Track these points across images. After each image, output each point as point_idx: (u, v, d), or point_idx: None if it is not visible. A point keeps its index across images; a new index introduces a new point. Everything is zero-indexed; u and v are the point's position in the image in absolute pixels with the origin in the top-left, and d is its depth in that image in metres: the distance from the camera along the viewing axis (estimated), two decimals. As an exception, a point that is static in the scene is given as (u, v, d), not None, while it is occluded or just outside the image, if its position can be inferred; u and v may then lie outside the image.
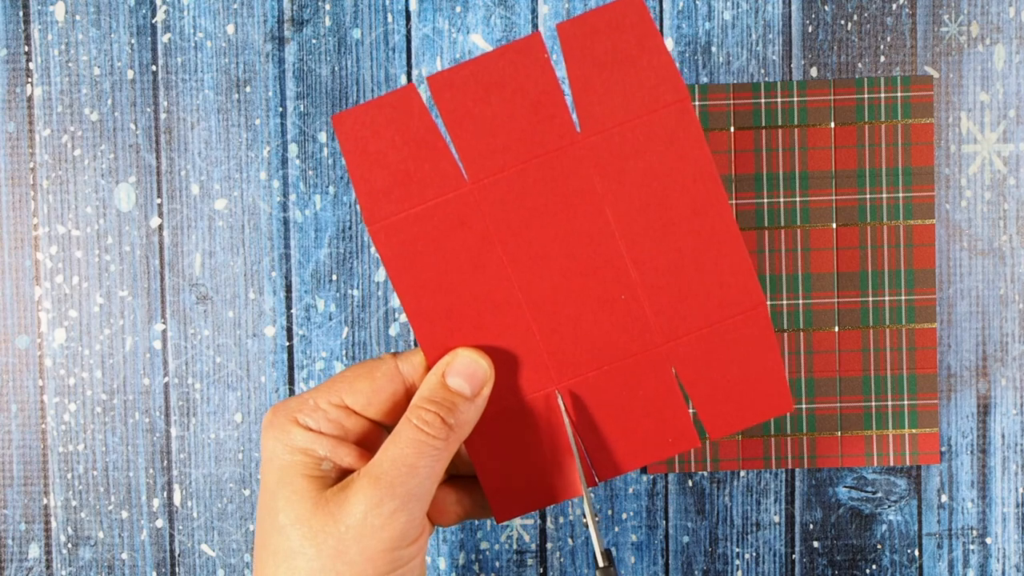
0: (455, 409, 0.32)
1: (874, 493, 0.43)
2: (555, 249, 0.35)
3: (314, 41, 0.43)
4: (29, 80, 0.43)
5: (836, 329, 0.42)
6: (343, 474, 0.32)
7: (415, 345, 0.43)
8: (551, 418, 0.36)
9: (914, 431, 0.42)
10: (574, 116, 0.34)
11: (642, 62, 0.34)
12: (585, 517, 0.42)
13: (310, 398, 0.32)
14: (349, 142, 0.34)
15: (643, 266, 0.35)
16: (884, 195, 0.42)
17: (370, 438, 0.33)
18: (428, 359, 0.35)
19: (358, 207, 0.35)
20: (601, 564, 0.33)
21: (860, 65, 0.43)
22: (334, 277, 0.43)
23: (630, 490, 0.43)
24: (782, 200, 0.42)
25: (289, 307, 0.43)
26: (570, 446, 0.36)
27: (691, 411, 0.38)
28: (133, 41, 0.43)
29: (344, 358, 0.43)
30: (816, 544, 0.43)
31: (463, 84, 0.34)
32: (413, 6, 0.43)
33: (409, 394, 0.33)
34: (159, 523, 0.43)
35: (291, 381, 0.43)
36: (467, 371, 0.33)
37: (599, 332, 0.36)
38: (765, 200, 0.42)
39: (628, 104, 0.34)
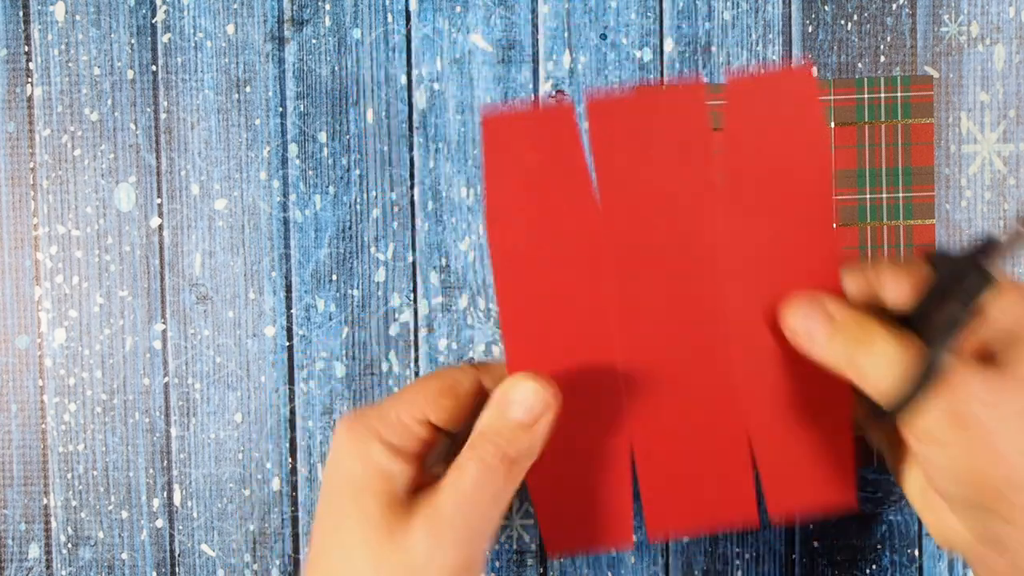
0: (515, 441, 0.31)
1: (874, 493, 0.43)
2: (664, 298, 0.34)
3: (314, 41, 0.43)
4: (29, 80, 0.43)
5: (836, 329, 0.42)
6: (415, 489, 0.31)
7: (417, 341, 0.43)
8: (618, 466, 0.35)
9: (914, 431, 0.42)
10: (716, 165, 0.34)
11: (797, 130, 0.34)
12: None
13: (392, 411, 0.32)
14: (492, 144, 0.33)
15: (746, 330, 0.34)
16: (884, 195, 0.42)
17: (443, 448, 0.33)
18: (510, 369, 0.33)
19: (483, 205, 0.34)
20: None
21: (860, 65, 0.43)
22: (334, 277, 0.43)
23: (630, 490, 0.43)
24: (782, 200, 0.42)
25: (289, 307, 0.43)
26: (630, 498, 0.35)
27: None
28: (133, 41, 0.43)
29: (344, 358, 0.43)
30: (816, 544, 0.43)
31: (620, 114, 0.33)
32: (413, 6, 0.43)
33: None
34: (159, 523, 0.43)
35: (291, 381, 0.43)
36: (527, 401, 0.32)
37: (685, 386, 0.35)
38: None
39: (773, 167, 0.34)
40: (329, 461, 0.33)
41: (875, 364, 0.30)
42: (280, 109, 0.43)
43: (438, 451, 0.34)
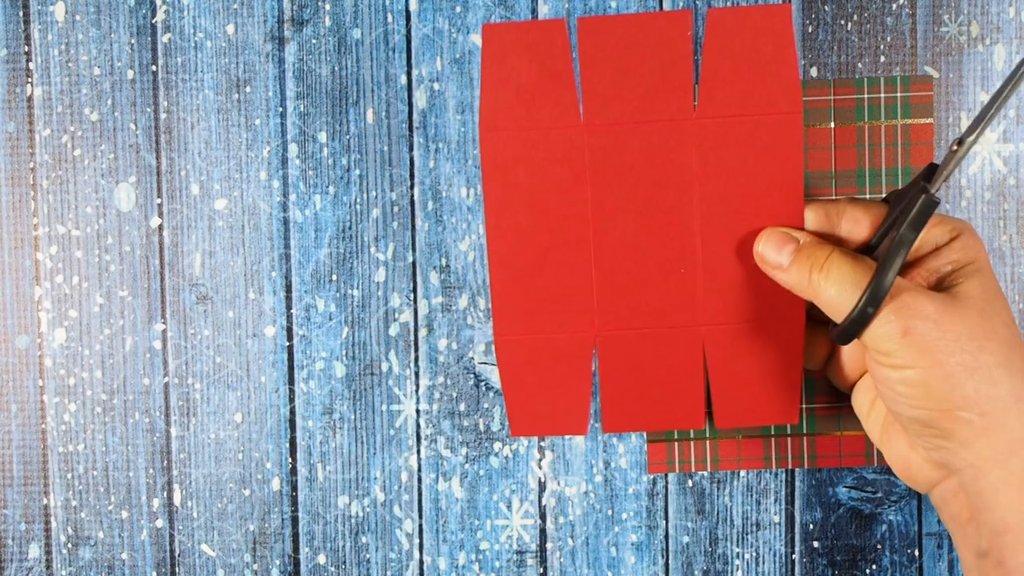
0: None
1: (874, 493, 0.43)
2: (637, 207, 0.37)
3: (314, 41, 0.43)
4: (29, 80, 0.43)
5: (836, 329, 0.42)
6: None
7: (417, 341, 0.43)
8: (581, 359, 0.38)
9: (914, 431, 0.42)
10: (695, 95, 0.37)
11: (772, 66, 0.36)
12: None
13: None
14: (491, 52, 0.36)
15: (709, 249, 0.37)
16: (884, 195, 0.42)
17: None
18: (491, 264, 0.38)
19: (476, 112, 0.37)
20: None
21: (860, 65, 0.43)
22: (334, 277, 0.43)
23: (630, 490, 0.43)
24: (782, 200, 0.43)
25: (289, 307, 0.43)
26: (589, 390, 0.38)
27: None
28: (133, 41, 0.43)
29: (344, 358, 0.43)
30: (816, 544, 0.43)
31: (608, 33, 0.36)
32: (413, 6, 0.43)
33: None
34: (159, 523, 0.43)
35: (291, 381, 0.43)
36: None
37: (650, 295, 0.38)
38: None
39: (747, 99, 0.36)
40: None
41: (831, 282, 0.33)
42: (280, 109, 0.43)
43: None
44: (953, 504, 0.33)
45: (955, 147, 0.32)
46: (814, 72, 0.43)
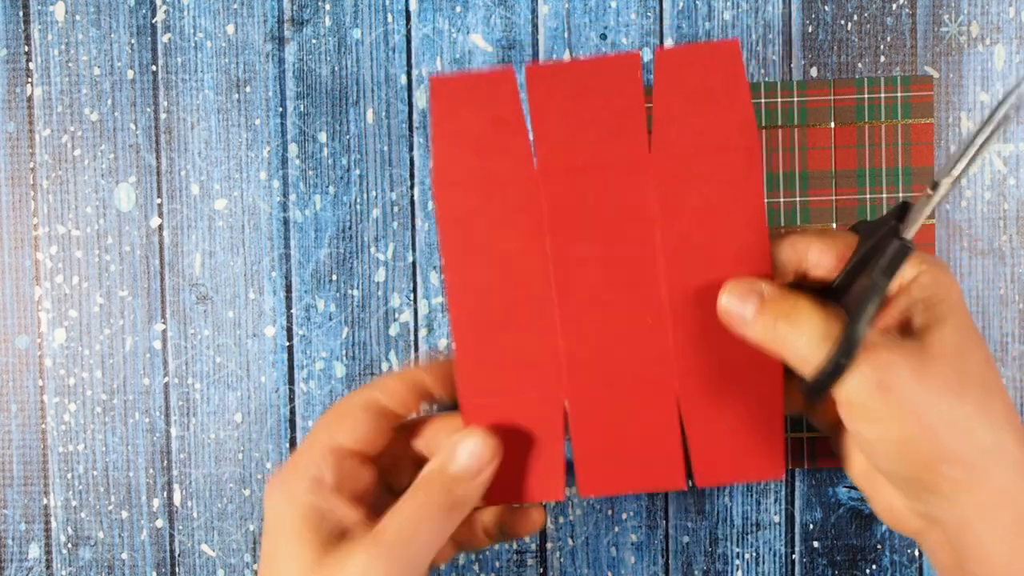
0: (460, 485, 0.33)
1: (874, 493, 0.43)
2: (598, 256, 0.35)
3: (314, 41, 0.43)
4: (29, 80, 0.43)
5: (836, 329, 0.42)
6: (356, 526, 0.32)
7: (417, 341, 0.43)
8: (552, 423, 0.36)
9: (914, 431, 0.42)
10: (650, 136, 0.35)
11: (725, 103, 0.35)
12: None
13: (308, 447, 0.33)
14: (440, 106, 0.35)
15: (676, 297, 0.35)
16: (884, 195, 0.42)
17: (376, 496, 0.34)
18: (453, 324, 0.35)
19: (430, 169, 0.37)
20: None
21: (860, 65, 0.43)
22: (334, 277, 0.43)
23: (630, 490, 0.43)
24: (782, 200, 0.42)
25: (289, 307, 0.43)
26: (563, 454, 0.36)
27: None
28: (133, 41, 0.43)
29: (344, 358, 0.43)
30: (816, 544, 0.43)
31: (558, 80, 0.35)
32: (413, 6, 0.43)
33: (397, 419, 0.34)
34: (159, 523, 0.43)
35: (291, 381, 0.43)
36: (476, 452, 0.34)
37: (618, 348, 0.36)
38: (765, 200, 0.42)
39: (702, 137, 0.35)
40: (264, 521, 0.33)
41: (800, 337, 0.31)
42: (280, 109, 0.43)
43: (376, 494, 0.34)
44: (939, 553, 0.32)
45: (929, 191, 0.30)
46: (814, 72, 0.43)
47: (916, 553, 0.43)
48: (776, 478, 0.36)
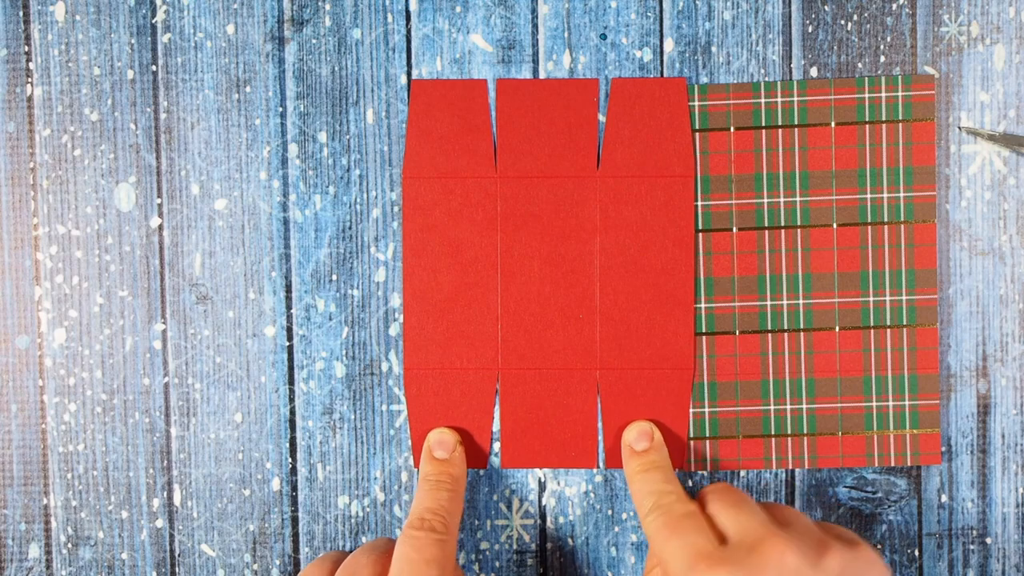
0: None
1: (874, 493, 0.43)
2: (543, 254, 0.41)
3: (314, 41, 0.43)
4: (29, 80, 0.43)
5: (837, 329, 0.42)
6: None
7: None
8: (484, 395, 0.41)
9: (915, 431, 0.42)
10: (599, 155, 0.41)
11: (668, 133, 0.41)
12: None
13: None
14: (417, 106, 0.41)
15: (607, 297, 0.41)
16: (885, 195, 0.42)
17: None
18: (405, 299, 0.41)
19: (401, 164, 0.39)
20: None
21: (860, 65, 0.43)
22: (334, 277, 0.43)
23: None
24: (782, 200, 0.42)
25: (289, 307, 0.43)
26: (490, 427, 0.42)
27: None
28: (133, 41, 0.43)
29: (344, 358, 0.43)
30: (816, 544, 0.43)
31: (524, 94, 0.41)
32: (413, 6, 0.43)
33: None
34: (159, 523, 0.43)
35: (291, 381, 0.43)
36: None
37: (551, 337, 0.41)
38: (765, 200, 0.42)
39: (645, 161, 0.41)
40: None
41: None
42: (280, 109, 0.43)
43: None
44: None
45: None
46: (814, 72, 0.43)
47: (916, 553, 0.43)
48: (680, 469, 0.42)
